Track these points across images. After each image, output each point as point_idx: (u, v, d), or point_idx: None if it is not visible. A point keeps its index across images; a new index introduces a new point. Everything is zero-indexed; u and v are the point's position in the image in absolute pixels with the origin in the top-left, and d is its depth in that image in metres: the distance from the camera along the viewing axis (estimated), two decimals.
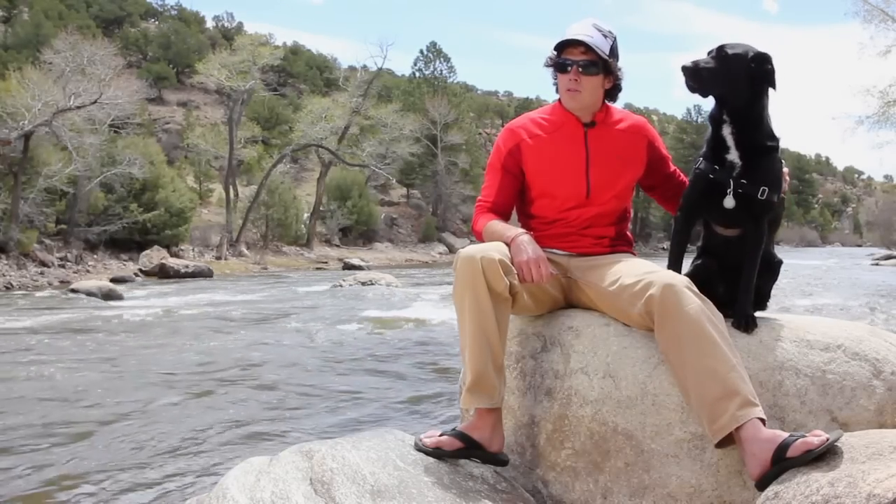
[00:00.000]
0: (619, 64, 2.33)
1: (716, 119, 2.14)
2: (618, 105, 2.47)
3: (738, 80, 2.06)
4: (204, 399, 5.28)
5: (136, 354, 7.28)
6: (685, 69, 2.06)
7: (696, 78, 2.06)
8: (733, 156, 2.11)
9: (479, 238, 2.37)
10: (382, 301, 13.41)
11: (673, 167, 2.51)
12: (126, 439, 4.20)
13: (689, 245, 2.31)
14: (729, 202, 2.11)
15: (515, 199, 2.47)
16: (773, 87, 2.10)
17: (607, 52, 2.27)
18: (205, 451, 3.96)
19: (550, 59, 2.34)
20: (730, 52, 2.06)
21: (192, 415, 4.80)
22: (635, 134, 2.41)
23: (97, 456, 3.90)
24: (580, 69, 2.27)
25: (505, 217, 2.42)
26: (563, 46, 2.29)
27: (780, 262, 2.34)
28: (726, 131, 2.12)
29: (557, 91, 2.39)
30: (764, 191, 2.09)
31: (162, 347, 7.77)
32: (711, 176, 2.14)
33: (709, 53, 2.10)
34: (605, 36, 2.28)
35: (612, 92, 2.38)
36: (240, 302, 13.44)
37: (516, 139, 2.41)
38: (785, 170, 2.22)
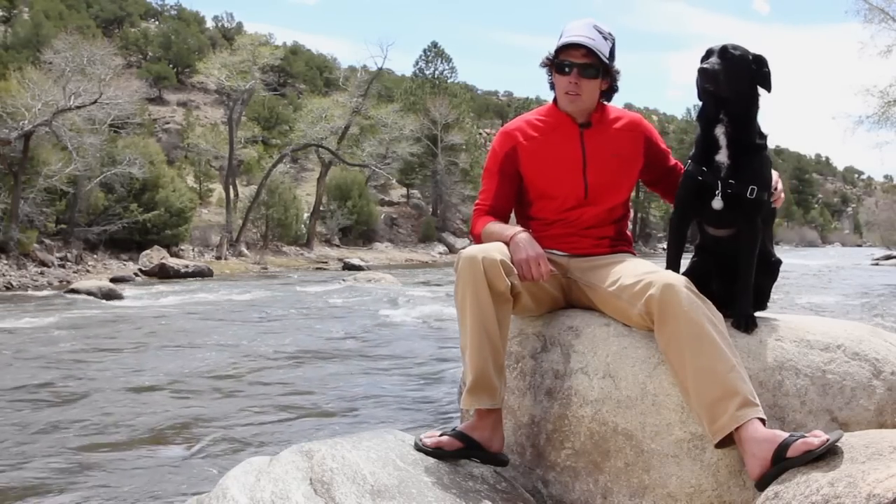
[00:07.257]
0: (616, 65, 2.33)
1: (709, 119, 2.16)
2: (618, 105, 2.47)
3: (742, 80, 2.08)
4: (203, 399, 5.28)
5: (135, 354, 7.28)
6: (705, 71, 2.07)
7: (714, 80, 2.07)
8: (722, 156, 2.13)
9: (478, 241, 2.35)
10: (382, 301, 13.41)
11: (673, 161, 2.50)
12: (125, 439, 4.21)
13: (687, 244, 2.32)
14: (717, 203, 2.13)
15: (513, 202, 2.47)
16: (769, 89, 2.12)
17: (607, 55, 2.27)
18: (205, 451, 3.96)
19: (548, 59, 2.34)
20: (735, 53, 2.08)
21: (191, 414, 4.80)
22: (631, 131, 2.41)
23: (96, 456, 3.90)
24: (580, 72, 2.27)
25: (503, 220, 2.41)
26: (563, 47, 2.28)
27: (778, 262, 2.34)
28: (719, 131, 2.13)
29: (553, 91, 2.39)
30: (753, 189, 2.10)
31: (161, 347, 7.77)
32: (700, 178, 2.16)
33: (709, 54, 2.10)
34: (606, 38, 2.28)
35: (608, 93, 2.38)
36: (239, 302, 13.43)
37: (512, 142, 2.41)
38: (774, 174, 2.22)
